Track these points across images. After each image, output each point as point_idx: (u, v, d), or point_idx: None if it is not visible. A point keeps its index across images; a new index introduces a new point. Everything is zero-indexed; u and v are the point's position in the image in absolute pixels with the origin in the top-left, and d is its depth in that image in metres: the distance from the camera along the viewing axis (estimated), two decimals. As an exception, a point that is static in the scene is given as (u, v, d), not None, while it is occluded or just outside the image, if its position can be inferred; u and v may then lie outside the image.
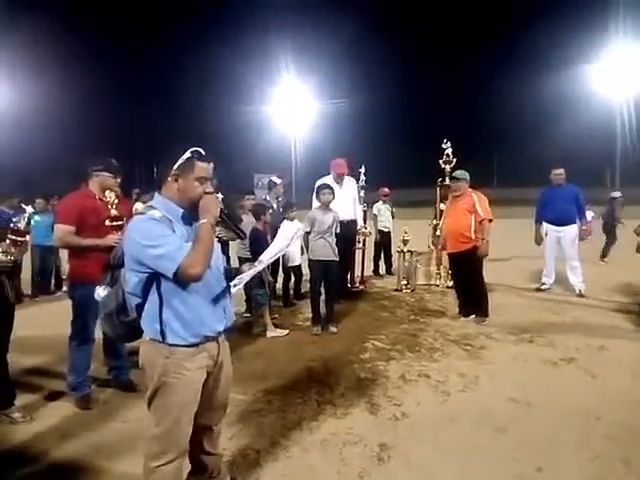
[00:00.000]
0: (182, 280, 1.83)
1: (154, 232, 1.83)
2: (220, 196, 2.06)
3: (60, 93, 40.38)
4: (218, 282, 2.04)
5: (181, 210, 1.95)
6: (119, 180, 3.57)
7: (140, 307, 1.93)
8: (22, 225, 3.09)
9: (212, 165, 2.00)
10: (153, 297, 1.89)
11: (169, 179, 1.94)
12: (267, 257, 2.32)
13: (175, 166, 1.92)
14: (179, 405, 1.95)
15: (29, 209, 3.24)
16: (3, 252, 3.00)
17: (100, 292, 2.06)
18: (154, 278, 1.87)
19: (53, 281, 7.79)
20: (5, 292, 3.08)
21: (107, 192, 3.51)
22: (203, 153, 1.95)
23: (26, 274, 7.18)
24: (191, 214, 1.96)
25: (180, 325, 1.91)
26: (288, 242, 2.37)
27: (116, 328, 2.03)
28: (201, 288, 1.93)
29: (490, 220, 5.30)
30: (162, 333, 1.89)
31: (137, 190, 9.17)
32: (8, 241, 3.02)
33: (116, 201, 3.53)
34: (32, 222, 3.12)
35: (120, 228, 3.39)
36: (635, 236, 5.27)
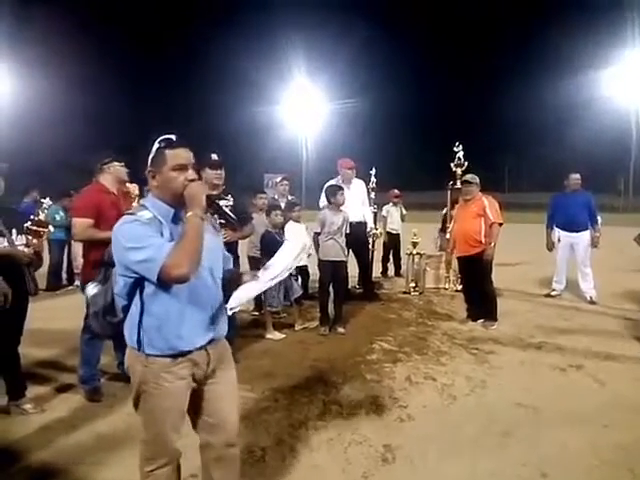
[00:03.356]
0: (166, 282, 1.66)
1: (137, 234, 1.67)
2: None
3: (74, 90, 40.95)
4: (208, 289, 1.83)
5: (172, 210, 1.78)
6: (128, 169, 3.62)
7: (126, 310, 1.82)
8: (43, 216, 3.15)
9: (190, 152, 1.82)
10: (136, 303, 1.77)
11: (148, 178, 1.81)
12: (271, 274, 1.96)
13: (149, 162, 1.79)
14: (160, 415, 1.84)
15: (47, 201, 3.31)
16: (24, 244, 3.06)
17: (90, 289, 1.93)
18: (138, 282, 1.73)
19: (65, 275, 7.89)
20: (25, 283, 3.14)
21: (131, 186, 3.57)
22: (173, 139, 1.79)
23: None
24: (183, 211, 1.78)
25: (157, 336, 1.75)
26: (294, 260, 2.03)
27: (103, 328, 1.91)
28: (186, 295, 1.76)
29: (500, 224, 5.30)
30: (139, 341, 1.77)
31: (147, 187, 9.29)
32: (29, 234, 3.08)
33: (137, 193, 3.58)
34: (57, 217, 3.20)
35: None
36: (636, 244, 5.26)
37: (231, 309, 1.82)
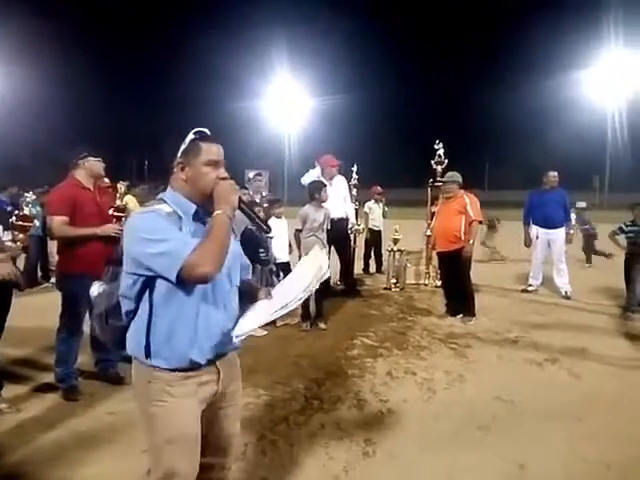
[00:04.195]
0: (186, 282, 1.53)
1: (156, 226, 1.55)
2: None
3: (52, 84, 40.12)
4: (225, 295, 1.68)
5: (194, 206, 1.65)
6: (104, 164, 3.56)
7: (131, 314, 1.64)
8: (27, 211, 3.10)
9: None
10: (144, 305, 1.60)
11: (175, 169, 1.67)
12: (282, 302, 1.69)
13: (179, 153, 1.66)
14: (168, 442, 1.59)
15: (30, 195, 3.25)
16: (11, 240, 3.00)
17: (94, 289, 1.75)
18: (149, 282, 1.57)
19: (40, 272, 7.72)
20: (16, 279, 3.08)
21: (120, 183, 3.52)
22: (209, 133, 1.71)
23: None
24: (206, 210, 1.65)
25: (166, 343, 1.59)
26: (304, 292, 1.71)
27: (105, 331, 1.73)
28: (201, 299, 1.61)
29: (480, 222, 5.38)
30: (146, 349, 1.59)
31: (127, 182, 9.13)
32: (15, 229, 3.03)
33: (123, 190, 3.53)
34: (34, 212, 3.16)
35: (120, 219, 3.40)
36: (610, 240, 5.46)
37: (236, 337, 1.62)
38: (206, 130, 1.70)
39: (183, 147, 1.66)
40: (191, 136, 1.66)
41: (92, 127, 38.40)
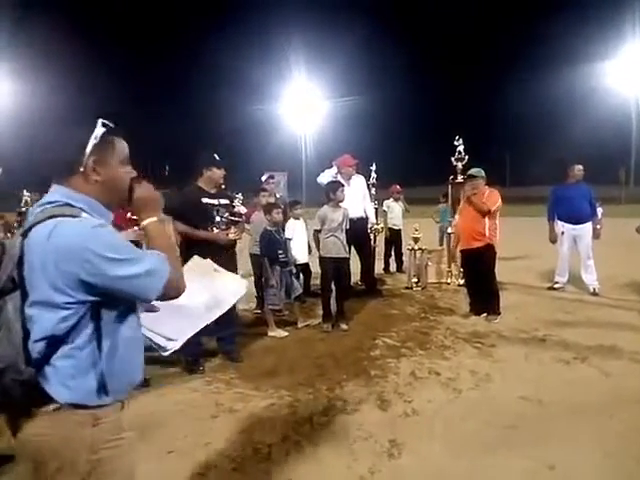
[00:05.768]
0: (163, 299, 1.38)
1: (121, 242, 1.33)
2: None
3: (73, 91, 41.14)
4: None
5: (109, 213, 1.43)
6: None
7: (46, 358, 1.25)
8: (25, 208, 3.20)
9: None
10: (84, 339, 1.28)
11: (82, 169, 1.34)
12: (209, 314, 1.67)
13: (89, 148, 1.34)
14: None
15: (25, 193, 3.34)
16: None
17: None
18: (94, 309, 1.29)
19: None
20: None
21: None
22: (112, 125, 1.41)
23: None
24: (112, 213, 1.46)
25: (121, 374, 1.36)
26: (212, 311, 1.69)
27: (6, 391, 1.25)
28: (135, 319, 1.42)
29: (489, 211, 5.24)
30: (102, 388, 1.31)
31: None
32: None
33: None
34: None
35: (137, 223, 3.47)
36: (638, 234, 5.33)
37: (166, 350, 1.53)
38: (111, 123, 1.42)
39: (94, 141, 1.35)
40: (101, 128, 1.37)
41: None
